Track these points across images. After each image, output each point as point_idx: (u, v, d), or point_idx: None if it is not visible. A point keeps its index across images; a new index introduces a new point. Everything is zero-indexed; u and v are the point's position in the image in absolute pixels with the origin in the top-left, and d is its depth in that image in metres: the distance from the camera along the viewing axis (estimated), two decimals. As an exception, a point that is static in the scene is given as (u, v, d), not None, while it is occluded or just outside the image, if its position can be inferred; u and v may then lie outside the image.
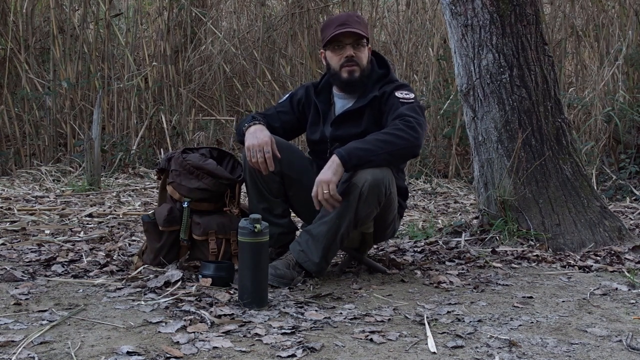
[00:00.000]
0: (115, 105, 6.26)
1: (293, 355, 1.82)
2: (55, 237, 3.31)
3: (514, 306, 2.35)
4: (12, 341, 1.85)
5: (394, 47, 6.80)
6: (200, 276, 2.49)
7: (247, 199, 2.77)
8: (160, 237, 2.65)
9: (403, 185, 2.78)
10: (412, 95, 2.64)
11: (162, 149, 6.20)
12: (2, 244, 3.13)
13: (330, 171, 2.42)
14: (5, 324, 2.01)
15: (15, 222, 3.68)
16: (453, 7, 3.28)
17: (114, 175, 5.61)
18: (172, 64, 6.53)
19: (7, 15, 6.14)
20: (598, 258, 3.04)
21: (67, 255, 2.92)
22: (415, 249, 3.26)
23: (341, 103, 2.75)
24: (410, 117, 2.53)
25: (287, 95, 2.91)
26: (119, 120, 6.28)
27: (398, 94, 2.63)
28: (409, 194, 5.13)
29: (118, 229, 3.63)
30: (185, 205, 2.62)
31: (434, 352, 1.89)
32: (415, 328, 2.09)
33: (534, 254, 3.06)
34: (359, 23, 2.68)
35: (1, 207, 4.06)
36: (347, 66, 2.66)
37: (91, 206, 4.28)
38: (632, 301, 2.44)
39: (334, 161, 2.44)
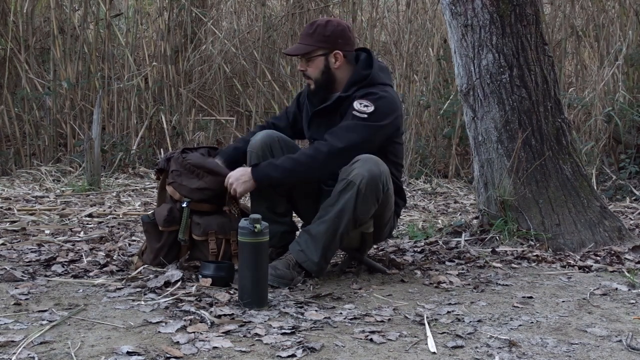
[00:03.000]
0: (115, 105, 6.26)
1: (293, 355, 1.82)
2: (55, 237, 3.31)
3: (514, 306, 2.35)
4: (12, 341, 1.86)
5: (394, 47, 6.80)
6: (200, 276, 2.49)
7: (247, 198, 2.78)
8: (160, 237, 2.65)
9: (399, 185, 2.78)
10: (370, 109, 2.57)
11: (162, 149, 6.20)
12: (2, 244, 3.13)
13: (241, 180, 2.56)
14: (5, 324, 2.01)
15: (15, 222, 3.68)
16: (453, 7, 3.28)
17: (114, 175, 5.61)
18: (172, 64, 6.53)
19: (7, 15, 6.14)
20: (598, 258, 3.04)
21: (67, 255, 2.92)
22: (415, 249, 3.26)
23: (329, 101, 2.76)
24: (333, 138, 2.55)
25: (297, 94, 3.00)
26: (119, 120, 6.28)
27: (357, 103, 2.59)
28: (409, 194, 5.13)
29: (118, 229, 3.63)
30: (184, 205, 2.62)
31: (434, 352, 1.89)
32: (415, 328, 2.09)
33: (534, 254, 3.07)
34: (309, 36, 2.67)
35: (1, 207, 4.06)
36: (305, 78, 2.76)
37: (91, 206, 4.28)
38: (632, 301, 2.44)
39: (248, 175, 2.56)
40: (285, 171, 2.55)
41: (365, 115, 2.57)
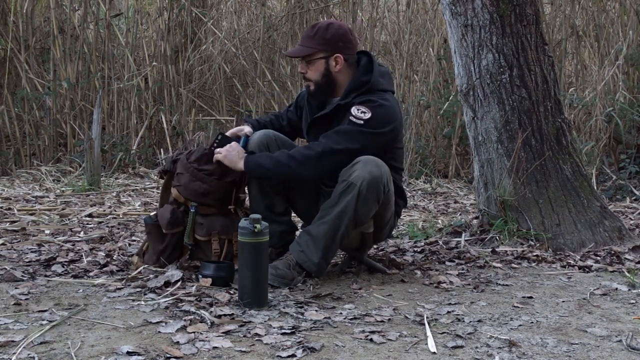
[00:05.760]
0: (115, 105, 6.25)
1: (293, 355, 1.82)
2: (55, 237, 3.31)
3: (514, 306, 2.35)
4: (12, 341, 1.86)
5: (394, 47, 6.79)
6: (200, 276, 2.49)
7: (246, 198, 2.77)
8: (163, 239, 2.65)
9: (400, 185, 2.77)
10: (367, 116, 2.55)
11: (162, 149, 6.20)
12: (2, 244, 3.13)
13: (230, 156, 2.58)
14: (5, 324, 2.01)
15: (15, 222, 3.68)
16: (453, 7, 3.28)
17: (114, 175, 5.61)
18: (172, 64, 6.52)
19: (7, 15, 6.14)
20: (598, 258, 3.04)
21: (67, 255, 2.92)
22: (415, 249, 3.26)
23: (328, 108, 2.73)
24: (329, 140, 2.55)
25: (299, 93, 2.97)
26: (119, 120, 6.28)
27: (354, 109, 2.57)
28: (409, 194, 5.13)
29: (118, 229, 3.63)
30: (192, 210, 2.62)
31: (434, 352, 1.89)
32: (415, 328, 2.09)
33: (534, 254, 3.07)
34: (310, 38, 2.65)
35: (1, 207, 4.06)
36: (304, 80, 2.72)
37: (91, 206, 4.28)
38: (632, 301, 2.44)
39: (240, 156, 2.57)
40: (278, 164, 2.54)
41: (362, 122, 2.55)
